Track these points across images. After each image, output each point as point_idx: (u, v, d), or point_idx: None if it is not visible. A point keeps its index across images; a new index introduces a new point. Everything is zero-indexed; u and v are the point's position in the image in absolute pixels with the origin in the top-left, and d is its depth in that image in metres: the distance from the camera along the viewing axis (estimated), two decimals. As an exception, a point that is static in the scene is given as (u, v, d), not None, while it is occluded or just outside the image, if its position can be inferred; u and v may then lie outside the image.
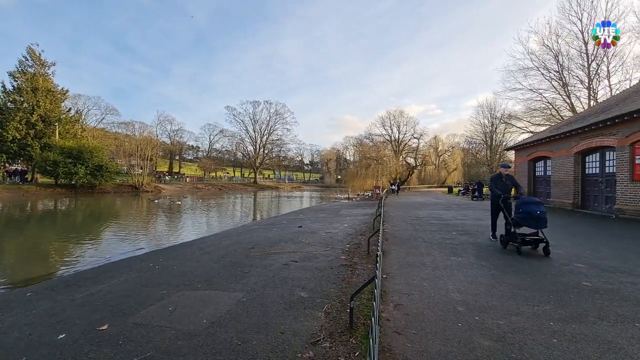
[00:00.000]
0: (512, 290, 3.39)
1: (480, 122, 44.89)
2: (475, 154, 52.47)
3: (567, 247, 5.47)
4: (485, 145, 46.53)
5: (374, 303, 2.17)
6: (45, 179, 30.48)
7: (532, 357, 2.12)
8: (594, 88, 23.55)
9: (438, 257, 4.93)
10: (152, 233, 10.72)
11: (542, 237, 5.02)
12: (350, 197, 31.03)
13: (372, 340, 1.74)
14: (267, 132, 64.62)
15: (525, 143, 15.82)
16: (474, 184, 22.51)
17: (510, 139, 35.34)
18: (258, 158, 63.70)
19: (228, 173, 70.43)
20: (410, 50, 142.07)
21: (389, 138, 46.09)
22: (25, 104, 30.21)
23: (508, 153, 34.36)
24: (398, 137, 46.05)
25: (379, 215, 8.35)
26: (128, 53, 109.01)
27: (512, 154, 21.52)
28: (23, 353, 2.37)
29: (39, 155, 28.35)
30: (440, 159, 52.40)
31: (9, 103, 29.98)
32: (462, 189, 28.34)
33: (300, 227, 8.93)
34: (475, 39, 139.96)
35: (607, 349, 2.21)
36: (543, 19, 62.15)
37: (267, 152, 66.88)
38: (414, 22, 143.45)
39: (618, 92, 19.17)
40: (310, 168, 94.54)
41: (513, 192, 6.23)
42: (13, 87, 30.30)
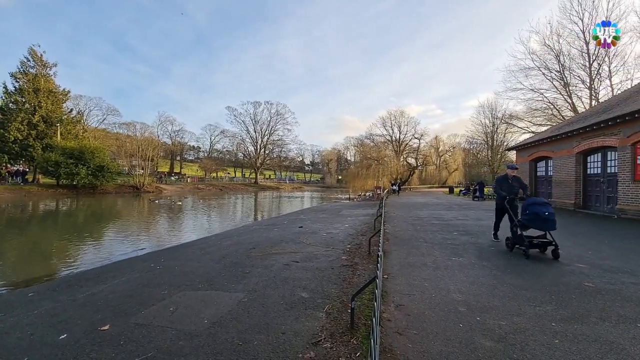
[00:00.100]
0: (513, 291, 3.38)
1: (481, 122, 44.96)
2: (476, 154, 52.44)
3: (568, 247, 5.44)
4: (487, 146, 46.50)
5: (375, 303, 2.16)
6: (47, 180, 30.57)
7: (533, 357, 2.12)
8: (596, 88, 23.53)
9: (439, 257, 4.92)
10: (153, 233, 10.74)
11: (550, 239, 4.79)
12: (351, 197, 31.05)
13: (373, 341, 1.74)
14: (267, 132, 64.87)
15: (527, 143, 15.80)
16: (475, 184, 22.48)
17: (512, 139, 35.34)
18: (259, 158, 63.81)
19: (229, 173, 70.52)
20: (410, 50, 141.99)
21: (390, 138, 46.11)
22: (27, 105, 30.32)
23: (509, 153, 34.32)
24: (399, 137, 46.06)
25: (380, 216, 8.34)
26: (128, 53, 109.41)
27: (513, 154, 21.47)
28: (25, 353, 2.37)
29: (41, 156, 28.45)
30: (441, 159, 52.34)
31: (11, 104, 30.11)
32: (463, 189, 28.31)
33: (301, 227, 8.94)
34: (475, 39, 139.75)
35: (609, 350, 2.21)
36: (544, 19, 61.96)
37: (268, 152, 67.02)
38: (414, 22, 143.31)
39: (619, 91, 19.12)
40: (311, 168, 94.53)
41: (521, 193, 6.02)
42: (15, 87, 30.43)
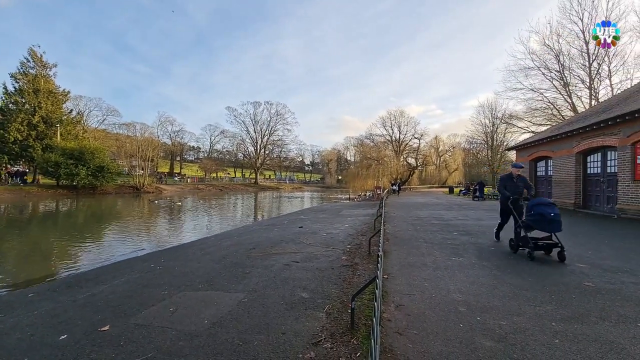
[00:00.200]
0: (513, 291, 3.38)
1: (481, 122, 44.87)
2: (476, 154, 52.44)
3: (568, 247, 5.40)
4: (486, 146, 46.45)
5: (375, 303, 2.16)
6: (47, 180, 30.55)
7: (534, 357, 2.12)
8: (595, 88, 23.52)
9: (439, 257, 4.92)
10: (153, 234, 10.73)
11: (556, 241, 4.65)
12: (351, 197, 31.07)
13: (373, 341, 1.74)
14: (267, 132, 64.86)
15: (527, 143, 15.80)
16: (475, 184, 22.48)
17: (512, 139, 35.29)
18: (259, 159, 63.81)
19: (229, 174, 70.49)
20: (410, 50, 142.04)
21: (390, 138, 46.18)
22: (27, 106, 30.30)
23: (509, 153, 34.32)
24: (399, 137, 46.13)
25: (380, 216, 8.34)
26: (128, 53, 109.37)
27: (513, 154, 21.47)
28: (25, 354, 2.37)
29: (41, 157, 28.44)
30: (441, 159, 52.40)
31: (11, 104, 30.09)
32: (463, 189, 28.31)
33: (301, 227, 8.94)
34: (475, 39, 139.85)
35: (609, 349, 2.21)
36: (544, 19, 61.95)
37: (267, 152, 67.02)
38: (414, 22, 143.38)
39: (619, 91, 19.14)
40: (311, 169, 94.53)
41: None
42: (15, 88, 30.41)
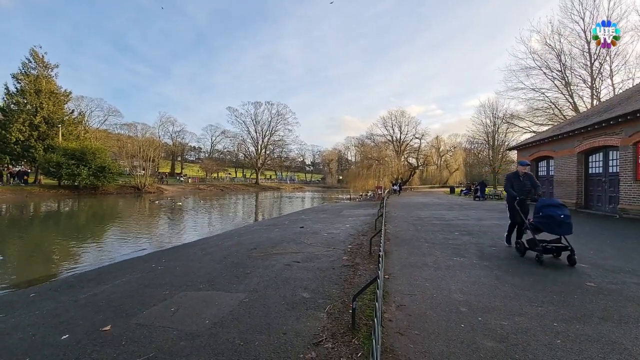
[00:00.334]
0: (515, 291, 3.37)
1: (482, 122, 44.76)
2: (478, 154, 52.37)
3: (570, 247, 5.43)
4: (488, 145, 46.36)
5: (377, 304, 2.16)
6: (49, 181, 30.62)
7: (535, 357, 2.11)
8: (597, 87, 23.44)
9: (440, 257, 4.91)
10: (154, 234, 10.75)
11: (566, 244, 4.43)
12: (352, 197, 31.07)
13: (374, 341, 1.73)
14: (268, 132, 64.87)
15: (528, 143, 15.76)
16: (476, 184, 22.45)
17: (513, 139, 35.19)
18: (260, 159, 63.86)
19: (230, 174, 70.54)
20: (410, 50, 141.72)
21: (391, 138, 46.17)
22: (29, 106, 30.36)
23: (510, 153, 34.25)
24: (400, 137, 46.11)
25: (381, 216, 8.34)
26: (128, 53, 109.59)
27: (514, 154, 21.42)
28: (26, 354, 2.38)
29: (42, 157, 28.50)
30: (442, 159, 52.29)
31: (13, 105, 30.16)
32: (464, 189, 28.28)
33: (302, 227, 8.94)
34: (475, 39, 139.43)
35: (610, 350, 2.20)
36: (545, 18, 61.55)
37: (268, 152, 67.09)
38: (414, 22, 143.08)
39: (621, 91, 19.09)
40: (312, 169, 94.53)
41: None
42: (16, 89, 30.49)
